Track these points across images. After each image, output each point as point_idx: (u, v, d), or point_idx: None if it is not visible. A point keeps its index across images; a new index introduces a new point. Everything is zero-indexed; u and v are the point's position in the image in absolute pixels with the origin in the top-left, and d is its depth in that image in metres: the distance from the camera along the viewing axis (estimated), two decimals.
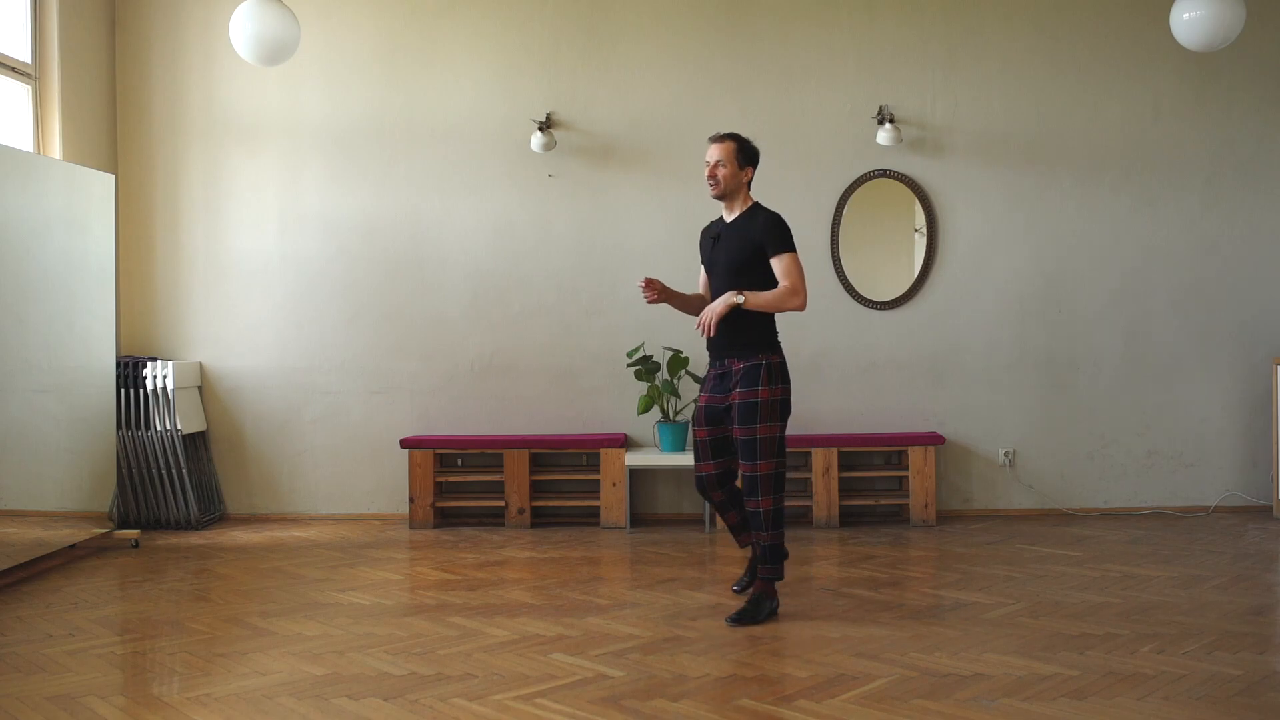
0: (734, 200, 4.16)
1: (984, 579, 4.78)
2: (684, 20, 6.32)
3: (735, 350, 4.08)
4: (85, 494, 5.58)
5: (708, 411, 4.19)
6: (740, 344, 4.07)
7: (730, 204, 4.17)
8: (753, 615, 4.07)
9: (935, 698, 3.29)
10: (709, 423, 4.19)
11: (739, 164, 4.11)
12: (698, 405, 4.27)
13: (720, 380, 4.14)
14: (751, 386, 4.03)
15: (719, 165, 4.10)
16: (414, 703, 3.30)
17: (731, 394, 4.07)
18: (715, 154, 4.12)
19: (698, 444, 4.25)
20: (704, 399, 4.21)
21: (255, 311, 6.44)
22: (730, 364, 4.10)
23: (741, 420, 4.03)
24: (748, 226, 4.10)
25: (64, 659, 3.77)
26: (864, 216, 6.29)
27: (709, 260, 4.24)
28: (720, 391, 4.13)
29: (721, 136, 4.15)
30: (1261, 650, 3.70)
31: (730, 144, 4.12)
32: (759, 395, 4.03)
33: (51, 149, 5.91)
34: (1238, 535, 5.62)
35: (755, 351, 4.06)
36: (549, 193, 6.34)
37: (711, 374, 4.19)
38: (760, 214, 4.11)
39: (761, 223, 4.07)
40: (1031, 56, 6.24)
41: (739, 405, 4.04)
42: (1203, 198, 6.24)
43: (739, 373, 4.06)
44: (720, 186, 4.11)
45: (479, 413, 6.39)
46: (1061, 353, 6.27)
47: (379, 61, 6.39)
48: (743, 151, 4.13)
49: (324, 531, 6.09)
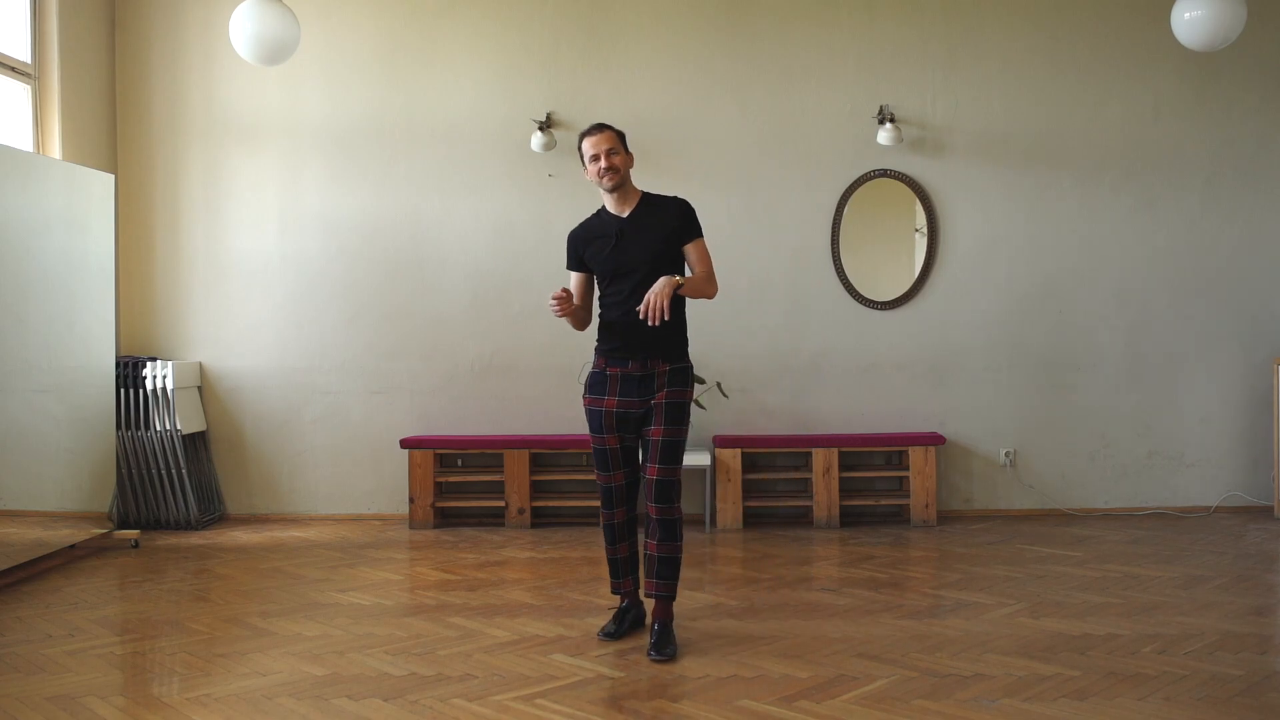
0: (625, 191, 3.85)
1: (985, 579, 4.78)
2: (684, 20, 6.31)
3: (663, 350, 3.81)
4: (85, 494, 5.57)
5: (620, 417, 3.84)
6: (670, 344, 3.83)
7: (622, 197, 3.85)
8: (670, 641, 3.77)
9: (936, 698, 3.28)
10: (620, 429, 3.86)
11: (627, 151, 3.85)
12: (601, 410, 3.85)
13: (641, 383, 3.80)
14: (681, 386, 3.83)
15: (612, 154, 3.79)
16: (414, 703, 3.30)
17: (656, 395, 3.80)
18: (604, 143, 3.79)
19: (605, 451, 3.88)
20: (613, 403, 3.83)
21: (255, 311, 6.44)
22: (654, 365, 3.80)
23: (670, 420, 3.78)
24: (657, 216, 3.84)
25: (64, 659, 3.77)
26: (864, 216, 6.29)
27: (613, 263, 3.82)
28: (640, 395, 3.81)
29: (602, 126, 3.84)
30: (1263, 650, 3.70)
31: (613, 132, 3.83)
32: (685, 396, 3.86)
33: (51, 149, 5.91)
34: (1239, 535, 5.62)
35: (682, 353, 3.87)
36: (549, 193, 6.34)
37: (616, 374, 3.82)
38: (667, 201, 3.89)
39: (676, 210, 3.85)
40: (1031, 56, 6.24)
41: (668, 405, 3.79)
42: (1203, 198, 6.24)
43: (665, 374, 3.80)
44: (619, 176, 3.80)
45: (479, 413, 6.39)
46: (1062, 353, 6.27)
47: (379, 61, 6.39)
48: (624, 139, 3.87)
49: (324, 531, 6.09)
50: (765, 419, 6.30)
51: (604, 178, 3.81)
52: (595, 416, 3.88)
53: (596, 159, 3.81)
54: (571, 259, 3.98)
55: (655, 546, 3.82)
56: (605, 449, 3.89)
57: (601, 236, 3.86)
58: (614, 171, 3.80)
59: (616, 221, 3.87)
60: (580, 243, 3.94)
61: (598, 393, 3.87)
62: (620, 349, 3.83)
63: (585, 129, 3.88)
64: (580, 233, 3.96)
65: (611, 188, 3.83)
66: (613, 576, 4.06)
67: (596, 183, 3.86)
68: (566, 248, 3.99)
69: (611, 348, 3.85)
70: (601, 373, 3.88)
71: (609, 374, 3.85)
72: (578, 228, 3.98)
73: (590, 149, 3.82)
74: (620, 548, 3.99)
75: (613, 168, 3.80)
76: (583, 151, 3.86)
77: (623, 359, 3.83)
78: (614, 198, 3.87)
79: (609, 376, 3.85)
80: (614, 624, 3.99)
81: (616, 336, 3.84)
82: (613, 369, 3.85)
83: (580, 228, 3.97)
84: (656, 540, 3.82)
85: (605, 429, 3.87)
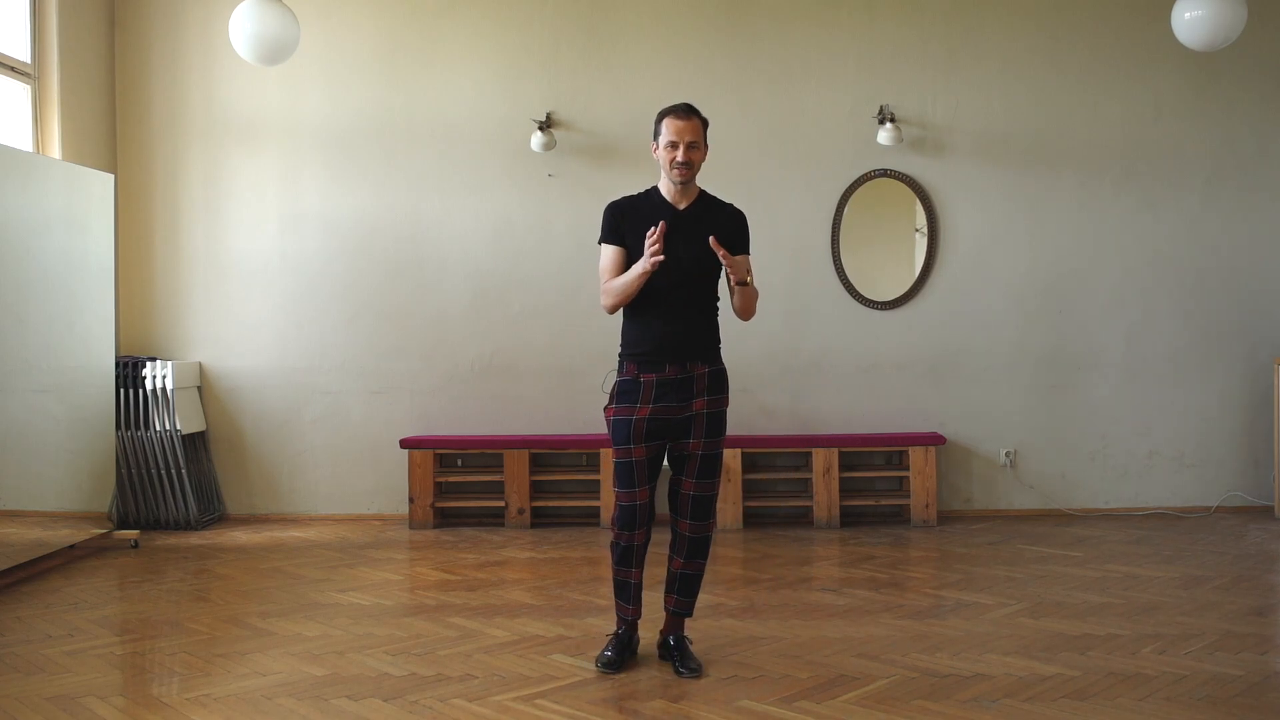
0: (690, 185, 3.58)
1: (985, 579, 4.77)
2: (684, 20, 6.31)
3: (703, 353, 3.57)
4: (85, 494, 5.57)
5: (652, 425, 3.51)
6: (709, 344, 3.59)
7: (684, 189, 3.56)
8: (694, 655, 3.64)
9: (936, 698, 3.28)
10: (650, 438, 3.52)
11: (707, 144, 3.57)
12: (633, 419, 3.52)
13: (679, 387, 3.52)
14: (719, 394, 3.59)
15: (693, 147, 3.49)
16: (414, 703, 3.30)
17: (694, 402, 3.54)
18: (689, 134, 3.48)
19: (632, 465, 3.52)
20: (646, 410, 3.51)
21: (255, 311, 6.44)
22: (694, 368, 3.54)
23: (711, 433, 3.55)
24: (713, 219, 3.56)
25: (63, 659, 3.77)
26: (864, 216, 6.29)
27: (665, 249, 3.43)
28: (679, 399, 3.52)
29: (691, 111, 3.52)
30: (1263, 651, 3.69)
31: (700, 122, 3.53)
32: (724, 404, 3.62)
33: (51, 149, 5.91)
34: (1239, 535, 5.61)
35: (719, 354, 3.63)
36: (549, 193, 6.33)
37: (651, 380, 3.51)
38: (725, 207, 3.64)
39: (736, 220, 3.62)
40: (1032, 56, 6.24)
41: (709, 416, 3.55)
42: (1203, 198, 6.23)
43: (704, 377, 3.55)
44: (691, 172, 3.51)
45: (479, 413, 6.38)
46: (1062, 353, 6.27)
47: (379, 61, 6.38)
48: (707, 129, 3.56)
49: (324, 531, 6.09)
50: (765, 419, 6.29)
51: (675, 170, 3.49)
52: (623, 427, 3.53)
53: (674, 146, 3.48)
54: (611, 232, 3.58)
55: (683, 564, 3.63)
56: (631, 462, 3.53)
57: (650, 221, 3.46)
58: (688, 167, 3.49)
59: (670, 212, 3.55)
60: (623, 218, 3.58)
61: (629, 401, 3.53)
62: (656, 351, 3.52)
63: (671, 106, 3.55)
64: (625, 207, 3.61)
65: (681, 182, 3.52)
66: (621, 600, 3.67)
67: (665, 170, 3.54)
68: (604, 217, 3.61)
69: (645, 351, 3.53)
70: (633, 380, 3.54)
71: (642, 380, 3.52)
72: (622, 200, 3.63)
73: (671, 133, 3.48)
74: (635, 572, 3.62)
75: (689, 162, 3.49)
76: (660, 130, 3.53)
77: (658, 363, 3.52)
78: (676, 189, 3.57)
79: (642, 383, 3.52)
80: (615, 653, 3.64)
81: (652, 338, 3.53)
82: (646, 375, 3.52)
83: (625, 201, 3.63)
84: (685, 558, 3.63)
85: (634, 439, 3.51)
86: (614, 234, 3.58)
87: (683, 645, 3.65)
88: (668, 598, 3.69)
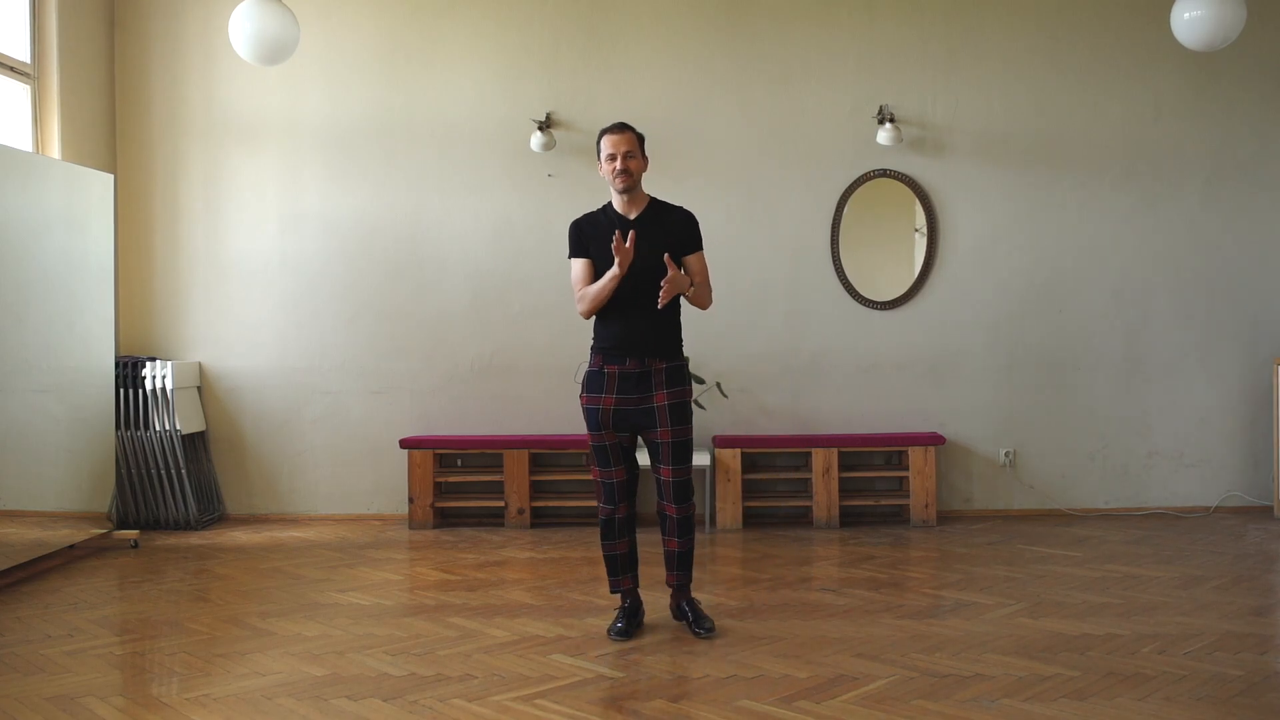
0: (635, 194, 3.92)
1: (984, 579, 4.78)
2: (684, 20, 6.31)
3: (660, 348, 3.90)
4: (84, 494, 5.57)
5: (618, 414, 3.89)
6: (667, 342, 3.92)
7: (631, 199, 3.91)
8: (706, 615, 4.03)
9: (935, 698, 3.28)
10: (617, 427, 3.91)
11: (644, 156, 3.92)
12: (599, 408, 3.90)
13: (639, 380, 3.87)
14: (680, 385, 3.92)
15: (629, 156, 3.84)
16: (414, 703, 3.30)
17: (655, 395, 3.87)
18: (623, 145, 3.83)
19: (605, 448, 3.94)
20: (611, 401, 3.89)
21: (255, 311, 6.44)
22: (652, 363, 3.87)
23: (676, 421, 3.88)
24: (663, 224, 3.92)
25: (63, 659, 3.77)
26: (864, 216, 6.29)
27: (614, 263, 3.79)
28: (638, 392, 3.87)
29: (624, 126, 3.88)
30: (1262, 651, 3.70)
31: (634, 135, 3.88)
32: (686, 395, 3.94)
33: (50, 149, 5.91)
34: (1238, 535, 5.61)
35: (678, 350, 3.96)
36: (549, 193, 6.33)
37: (614, 372, 3.88)
38: (675, 210, 3.98)
39: (683, 221, 3.95)
40: (1031, 56, 6.24)
41: (671, 406, 3.88)
42: (1203, 198, 6.23)
43: (662, 372, 3.88)
44: (631, 180, 3.85)
45: (479, 413, 6.38)
46: (1062, 353, 6.27)
47: (379, 61, 6.38)
48: (643, 143, 3.92)
49: (324, 531, 6.09)
50: (765, 419, 6.29)
51: (617, 179, 3.85)
52: (593, 414, 3.93)
53: (613, 159, 3.84)
54: (577, 246, 3.97)
55: (677, 544, 3.99)
56: (604, 445, 3.95)
57: (607, 233, 3.85)
58: (627, 174, 3.84)
59: (622, 222, 3.91)
60: (584, 234, 3.95)
61: (595, 390, 3.92)
62: (618, 347, 3.89)
63: (608, 125, 3.92)
64: (584, 223, 3.98)
65: (623, 190, 3.88)
66: (611, 574, 4.06)
67: (609, 181, 3.89)
68: (569, 235, 3.99)
69: (609, 345, 3.91)
70: (599, 371, 3.92)
71: (606, 372, 3.91)
72: (581, 218, 4.00)
73: (608, 148, 3.85)
74: (620, 544, 4.03)
75: (627, 170, 3.84)
76: (600, 147, 3.89)
77: (620, 357, 3.89)
78: (623, 199, 3.92)
79: (606, 374, 3.90)
80: (625, 622, 3.98)
81: (614, 334, 3.90)
82: (610, 367, 3.90)
83: (584, 218, 4.00)
84: (677, 537, 3.98)
85: (603, 426, 3.92)
86: (579, 248, 3.96)
87: (694, 606, 4.02)
88: (669, 576, 4.06)
